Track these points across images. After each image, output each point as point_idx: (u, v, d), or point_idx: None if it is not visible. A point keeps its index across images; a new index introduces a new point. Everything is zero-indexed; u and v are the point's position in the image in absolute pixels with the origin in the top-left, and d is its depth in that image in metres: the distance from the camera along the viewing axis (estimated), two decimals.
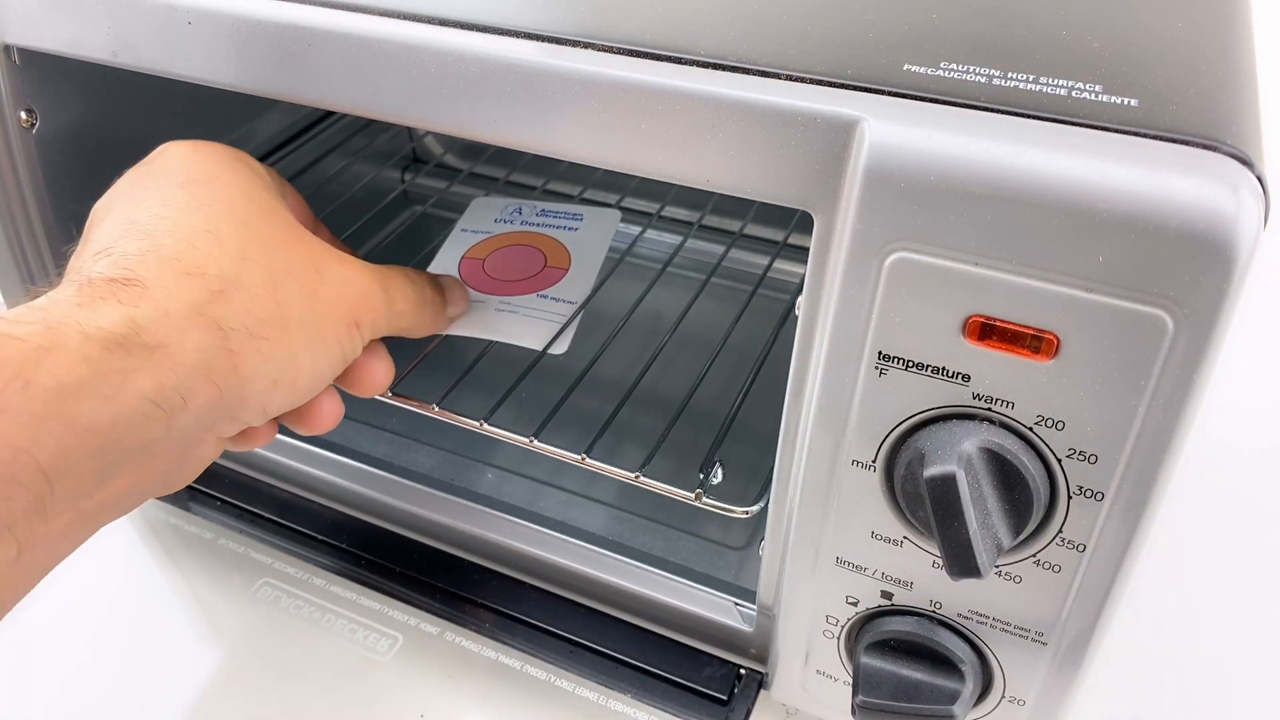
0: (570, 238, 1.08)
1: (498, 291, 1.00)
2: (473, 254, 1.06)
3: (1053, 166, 0.52)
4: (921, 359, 0.60)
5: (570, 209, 1.12)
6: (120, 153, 0.97)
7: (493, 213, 1.13)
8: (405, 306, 0.81)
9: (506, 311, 0.98)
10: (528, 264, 1.04)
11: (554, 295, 1.00)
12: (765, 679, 0.85)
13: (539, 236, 1.09)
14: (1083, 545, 0.62)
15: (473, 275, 1.03)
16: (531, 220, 1.11)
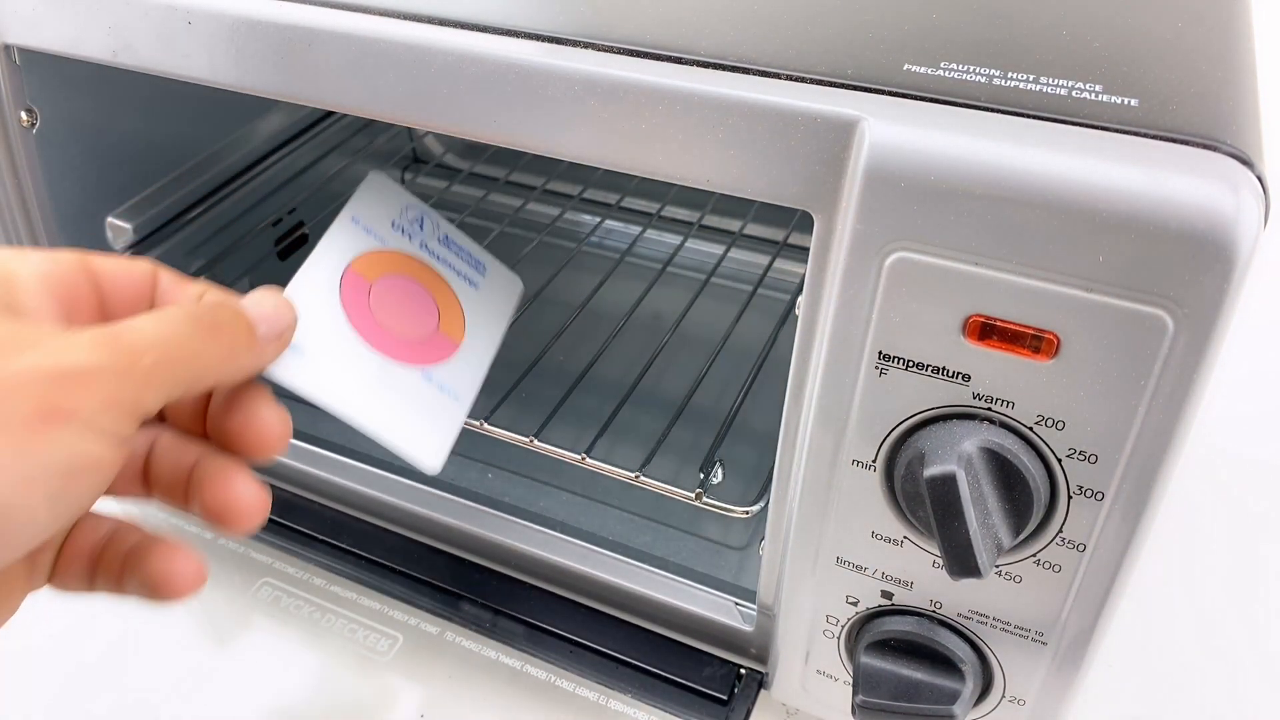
0: (468, 294, 0.89)
1: (379, 344, 0.77)
2: (361, 266, 0.81)
3: (1053, 166, 0.52)
4: (922, 359, 0.60)
5: (475, 253, 0.93)
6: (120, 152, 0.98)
7: (391, 209, 0.88)
8: (167, 354, 0.55)
9: (385, 389, 0.75)
10: (418, 315, 0.82)
11: (440, 380, 0.80)
12: (765, 679, 0.85)
13: (435, 277, 0.87)
14: (1083, 545, 0.62)
15: (354, 301, 0.77)
16: (432, 246, 0.89)
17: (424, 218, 0.90)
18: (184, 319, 0.57)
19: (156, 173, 1.07)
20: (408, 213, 0.88)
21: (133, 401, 0.52)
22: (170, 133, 1.07)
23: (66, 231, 0.95)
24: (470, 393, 0.82)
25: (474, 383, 0.83)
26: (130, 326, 0.54)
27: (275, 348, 0.65)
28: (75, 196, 0.96)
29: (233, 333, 0.60)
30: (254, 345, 0.62)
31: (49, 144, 0.91)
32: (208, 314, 0.58)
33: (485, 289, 0.90)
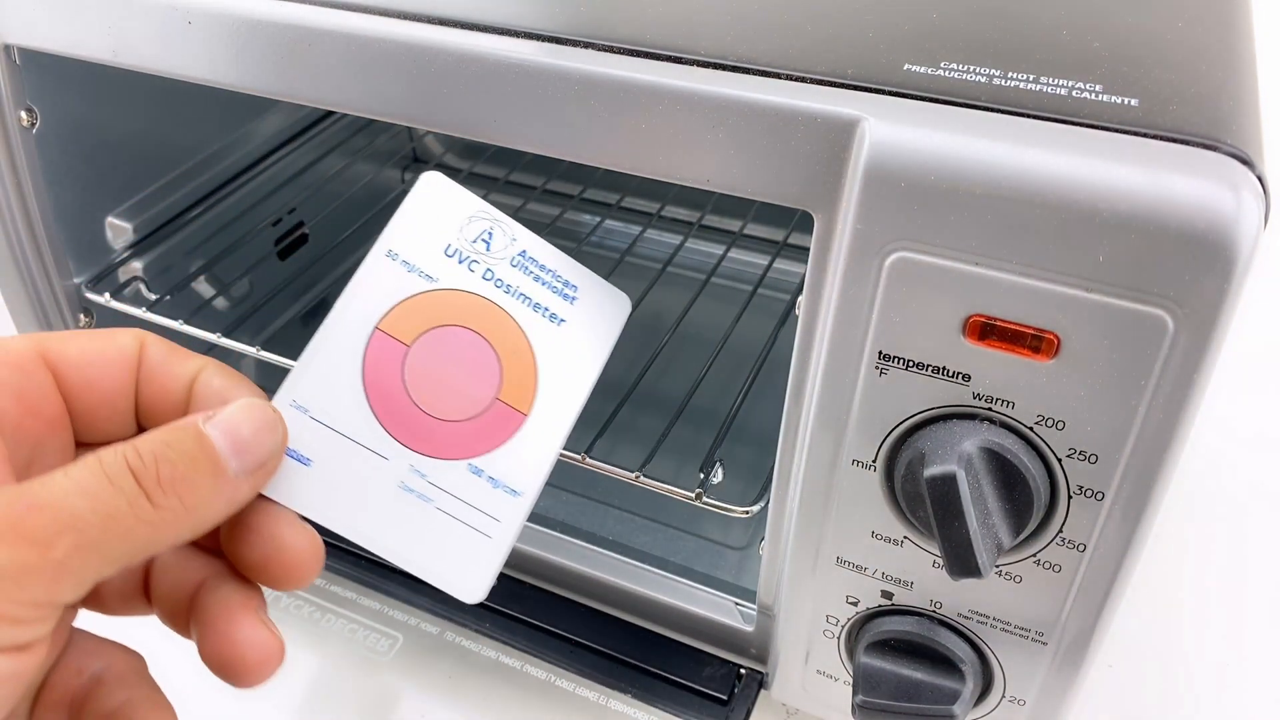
0: (548, 339, 0.67)
1: (413, 436, 0.62)
2: (396, 323, 0.63)
3: (1053, 166, 0.53)
4: (922, 359, 0.60)
5: (565, 271, 0.70)
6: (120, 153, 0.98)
7: (447, 229, 0.67)
8: (85, 539, 0.45)
9: (416, 503, 0.61)
10: (471, 383, 0.64)
11: (495, 472, 0.63)
12: (765, 679, 0.85)
13: (502, 321, 0.66)
14: (1083, 545, 0.62)
15: (383, 377, 0.62)
16: (503, 273, 0.67)
17: (493, 231, 0.67)
18: (110, 482, 0.46)
19: (156, 172, 1.07)
20: (470, 229, 0.67)
21: (43, 600, 0.44)
22: (170, 132, 1.08)
23: (66, 231, 0.95)
24: (534, 481, 0.64)
25: (540, 467, 0.65)
26: (38, 501, 0.44)
27: (255, 482, 0.53)
28: (75, 196, 0.96)
29: (188, 483, 0.48)
30: (223, 487, 0.50)
31: (49, 144, 0.91)
32: (150, 465, 0.47)
33: (574, 324, 0.68)
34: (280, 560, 0.54)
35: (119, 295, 0.99)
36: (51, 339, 0.54)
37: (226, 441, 0.50)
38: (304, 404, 0.59)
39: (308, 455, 0.58)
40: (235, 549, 0.55)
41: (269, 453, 0.53)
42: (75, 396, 0.54)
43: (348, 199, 1.30)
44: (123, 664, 0.57)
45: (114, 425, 0.56)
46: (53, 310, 0.98)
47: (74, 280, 0.98)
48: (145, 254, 1.05)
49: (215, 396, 0.55)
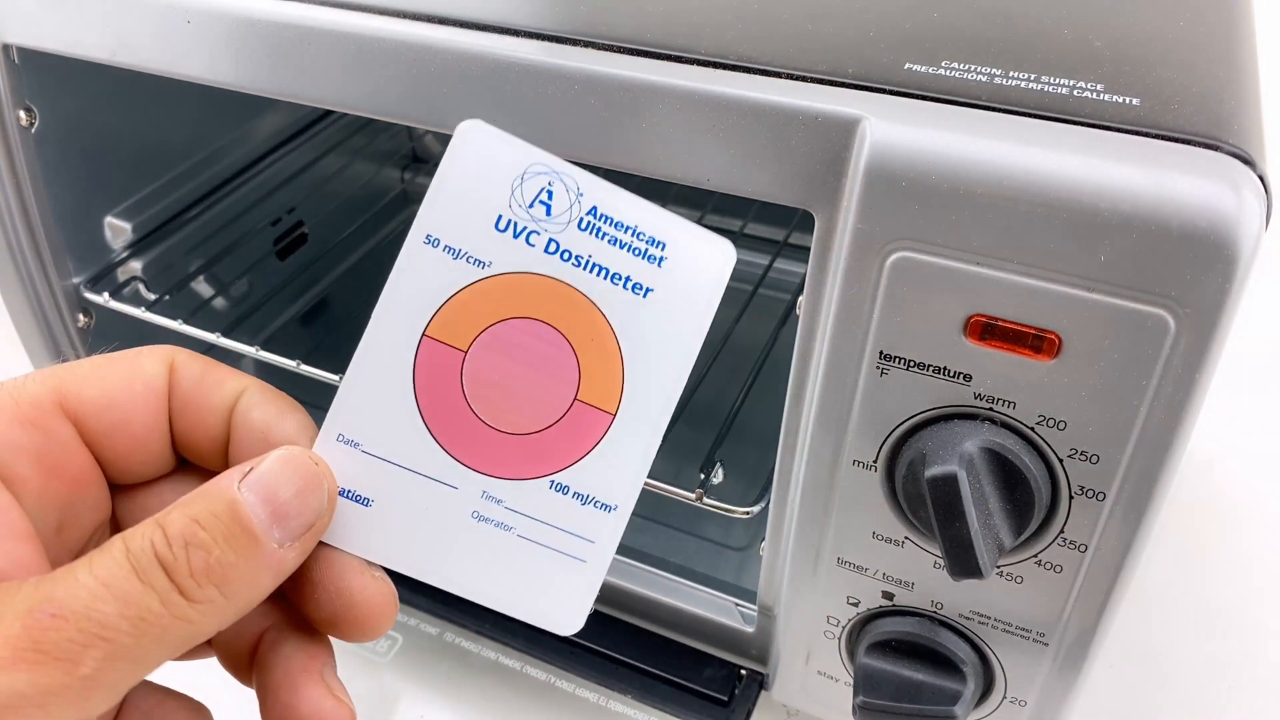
0: (632, 316, 0.55)
1: (482, 457, 0.54)
2: (445, 326, 0.54)
3: (1054, 166, 0.53)
4: (923, 359, 0.60)
5: (649, 225, 0.55)
6: (119, 152, 0.98)
7: (496, 194, 0.53)
8: (116, 649, 0.41)
9: (491, 526, 0.54)
10: (543, 387, 0.54)
11: (580, 487, 0.55)
12: (766, 680, 0.85)
13: (574, 302, 0.54)
14: (1084, 545, 0.62)
15: (439, 393, 0.54)
16: (570, 240, 0.54)
17: (551, 186, 0.54)
18: (139, 579, 0.42)
19: (155, 172, 1.07)
20: (526, 189, 0.54)
21: (75, 717, 0.41)
22: (169, 132, 1.08)
23: (65, 231, 0.95)
24: (629, 492, 0.56)
25: (635, 474, 0.56)
26: (61, 609, 0.41)
27: (302, 548, 0.48)
28: (74, 196, 0.96)
29: (226, 568, 0.44)
30: (265, 563, 0.46)
31: (47, 143, 0.91)
32: (181, 554, 0.43)
33: (665, 292, 0.55)
34: (351, 616, 0.50)
35: (118, 295, 0.99)
36: (69, 379, 0.50)
37: (266, 510, 0.46)
38: (353, 438, 0.52)
39: (366, 495, 0.52)
40: (300, 604, 0.51)
41: (314, 514, 0.48)
42: (102, 445, 0.51)
43: (347, 199, 1.30)
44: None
45: (149, 465, 0.53)
46: (51, 310, 0.98)
47: (73, 280, 0.98)
48: (144, 254, 1.05)
49: (256, 435, 0.51)
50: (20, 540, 0.46)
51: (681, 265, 0.55)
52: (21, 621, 0.40)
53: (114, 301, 0.98)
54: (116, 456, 0.51)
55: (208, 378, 0.52)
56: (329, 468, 0.50)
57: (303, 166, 1.26)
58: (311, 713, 0.50)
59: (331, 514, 0.50)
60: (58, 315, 0.99)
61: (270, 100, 1.11)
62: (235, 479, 0.46)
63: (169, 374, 0.52)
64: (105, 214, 1.02)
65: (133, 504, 0.53)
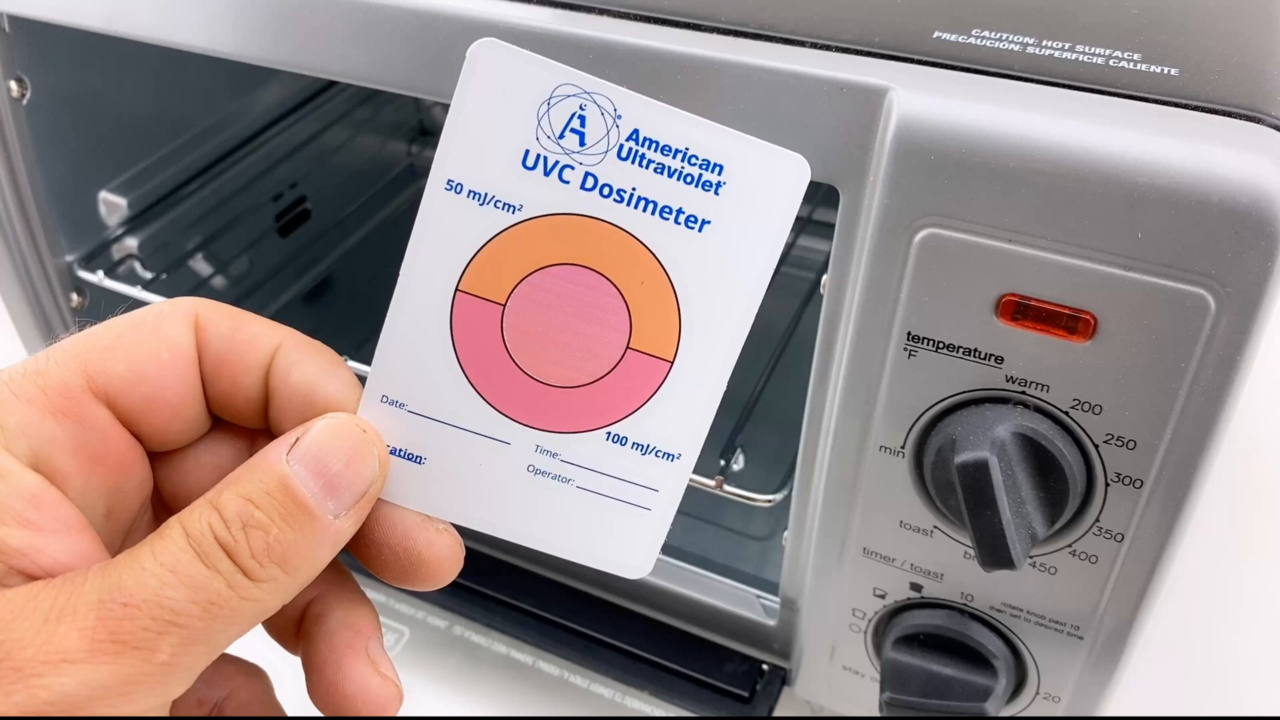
0: (685, 252, 0.51)
1: (531, 411, 0.53)
2: (479, 279, 0.51)
3: (1090, 139, 0.53)
4: (952, 340, 0.60)
5: (700, 145, 0.50)
6: (114, 124, 0.98)
7: (521, 124, 0.50)
8: (189, 634, 0.43)
9: (549, 479, 0.54)
10: (591, 336, 0.52)
11: (639, 437, 0.54)
12: (789, 675, 0.86)
13: (618, 242, 0.51)
14: (1120, 535, 0.62)
15: (480, 349, 0.52)
16: (610, 173, 0.50)
17: (584, 110, 0.50)
18: (204, 564, 0.44)
19: (152, 146, 1.07)
20: (555, 116, 0.50)
21: (154, 707, 0.43)
22: (167, 104, 1.08)
23: (58, 207, 0.95)
24: (693, 440, 0.54)
25: (698, 421, 0.53)
26: (131, 598, 0.42)
27: (357, 515, 0.49)
28: (67, 170, 0.97)
29: (286, 546, 0.46)
30: (323, 536, 0.47)
31: (40, 115, 0.91)
32: (241, 536, 0.45)
33: (724, 221, 0.51)
34: (420, 573, 0.51)
35: (113, 273, 0.99)
36: (92, 356, 0.49)
37: (318, 483, 0.47)
38: (397, 398, 0.52)
39: (418, 453, 0.52)
40: (366, 563, 0.52)
41: (366, 482, 0.49)
42: (138, 421, 0.51)
43: (352, 173, 1.30)
44: (246, 691, 0.55)
45: (186, 432, 0.53)
46: (43, 289, 0.98)
47: (66, 258, 0.98)
48: (140, 230, 1.05)
49: (299, 399, 0.51)
50: (75, 533, 0.47)
51: (743, 189, 0.51)
52: (95, 613, 0.42)
53: (109, 280, 0.98)
54: (153, 430, 0.51)
55: (239, 335, 0.51)
56: (377, 432, 0.51)
57: (305, 140, 1.26)
58: (357, 691, 0.51)
59: (384, 480, 0.50)
60: (50, 295, 0.99)
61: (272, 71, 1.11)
62: (283, 452, 0.47)
63: (195, 333, 0.51)
64: (100, 189, 1.02)
65: (173, 470, 0.54)
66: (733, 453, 0.86)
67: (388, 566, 0.51)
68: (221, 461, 0.53)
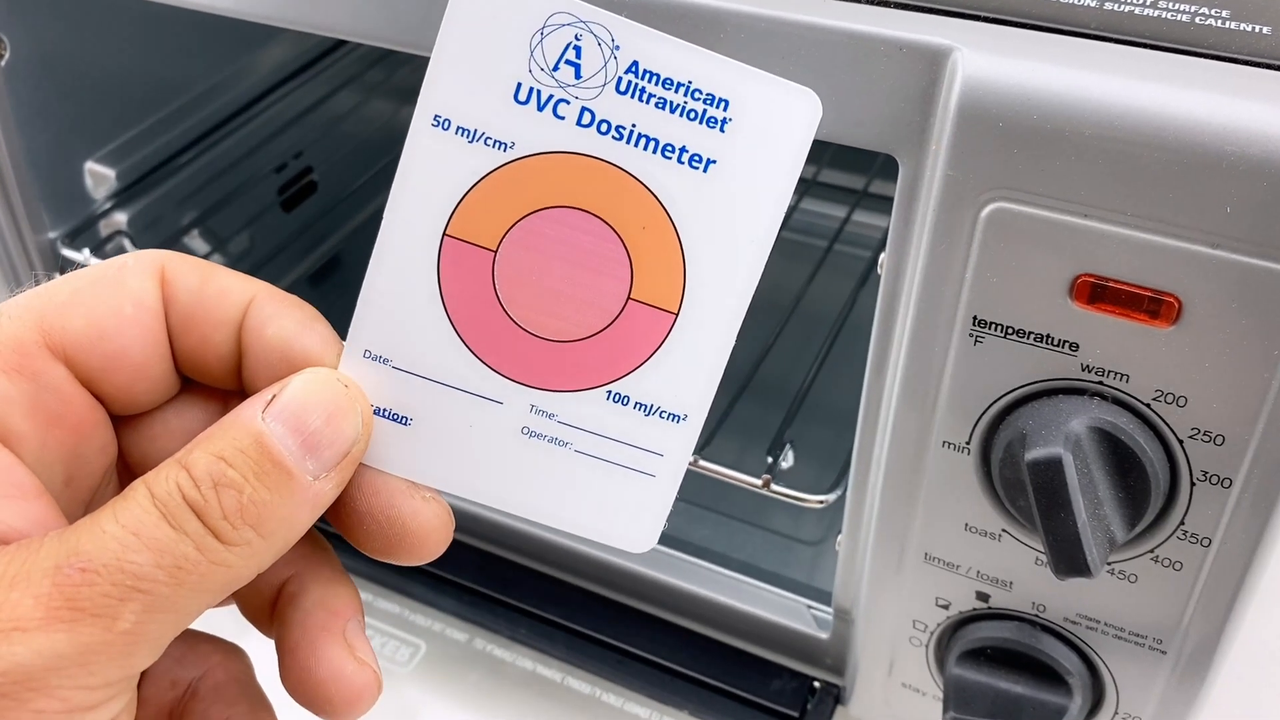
0: (689, 196, 0.51)
1: (525, 367, 0.53)
2: (467, 222, 0.52)
3: (1173, 104, 0.53)
4: (1023, 325, 0.60)
5: (705, 79, 0.50)
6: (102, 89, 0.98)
7: (512, 55, 0.50)
8: (154, 599, 0.44)
9: (544, 441, 0.54)
10: (589, 285, 0.53)
11: (641, 396, 0.54)
12: (842, 693, 0.86)
13: (619, 183, 0.51)
14: (1207, 539, 0.63)
15: (469, 298, 0.52)
16: (608, 108, 0.51)
17: (580, 40, 0.50)
18: (170, 525, 0.44)
19: (143, 112, 1.08)
20: (548, 47, 0.50)
21: (116, 677, 0.44)
22: (159, 66, 1.08)
23: (40, 179, 0.96)
24: (700, 399, 0.54)
25: (705, 379, 0.54)
26: (91, 563, 0.43)
27: (339, 478, 0.49)
28: (50, 139, 0.97)
29: (261, 506, 0.46)
30: (301, 498, 0.47)
31: (19, 78, 0.91)
32: (212, 496, 0.45)
33: (731, 160, 0.51)
34: (405, 544, 0.51)
35: (100, 252, 1.00)
36: (48, 311, 0.49)
37: (296, 441, 0.47)
38: (381, 353, 0.52)
39: (404, 414, 0.53)
40: (347, 534, 0.52)
41: (349, 441, 0.49)
42: (98, 380, 0.51)
43: (362, 142, 1.31)
44: (222, 671, 0.56)
45: (153, 393, 0.53)
46: (24, 268, 0.99)
47: (48, 234, 0.99)
48: (130, 204, 1.06)
49: (274, 354, 0.51)
50: (31, 498, 0.47)
51: (751, 126, 0.51)
52: (50, 579, 0.42)
53: (95, 259, 0.99)
54: (116, 390, 0.51)
55: (208, 288, 0.51)
56: (360, 388, 0.51)
57: (311, 105, 1.26)
58: (331, 677, 0.51)
59: (368, 440, 0.50)
60: (31, 275, 0.99)
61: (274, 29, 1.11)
62: (258, 409, 0.47)
63: (161, 287, 0.51)
64: (86, 159, 1.03)
65: (139, 435, 0.54)
66: (781, 449, 0.87)
67: (370, 538, 0.51)
68: (192, 425, 0.54)
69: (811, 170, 1.31)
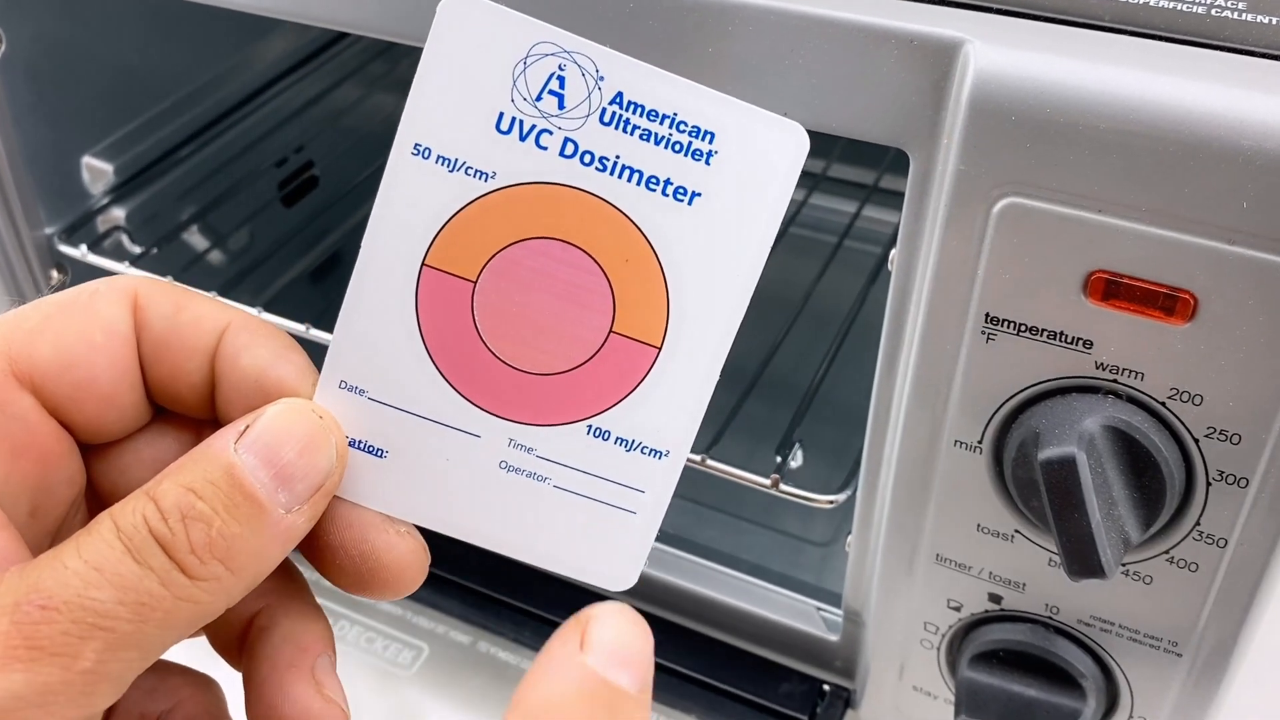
0: (671, 228, 0.51)
1: (503, 400, 0.53)
2: (446, 252, 0.52)
3: (1188, 97, 0.53)
4: (1036, 322, 0.60)
5: (690, 112, 0.51)
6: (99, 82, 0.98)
7: (494, 85, 0.50)
8: (116, 638, 0.43)
9: (522, 477, 0.54)
10: (570, 317, 0.53)
11: (623, 434, 0.54)
12: (852, 696, 0.86)
13: (600, 215, 0.51)
14: (1223, 540, 0.63)
15: (448, 329, 0.53)
16: (591, 138, 0.51)
17: (563, 70, 0.51)
18: (135, 560, 0.44)
19: (142, 105, 1.08)
20: (531, 76, 0.51)
21: (80, 717, 0.43)
22: (158, 58, 1.08)
23: (36, 174, 0.96)
24: (683, 435, 0.54)
25: (688, 415, 0.54)
26: (51, 599, 0.42)
27: (312, 511, 0.49)
28: (46, 133, 0.97)
29: (230, 540, 0.45)
30: (273, 531, 0.47)
31: (16, 72, 0.92)
32: (179, 529, 0.45)
33: (716, 193, 0.51)
34: (378, 579, 0.51)
35: (97, 248, 1.00)
36: (16, 337, 0.49)
37: (268, 473, 0.47)
38: (357, 384, 0.52)
39: (379, 445, 0.53)
40: (320, 568, 0.52)
41: (322, 474, 0.49)
42: (67, 410, 0.50)
43: (365, 136, 1.31)
44: (193, 704, 0.55)
45: (122, 422, 0.53)
46: (19, 265, 0.99)
47: (45, 230, 0.99)
48: (128, 200, 1.06)
49: (247, 384, 0.51)
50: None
51: (737, 159, 0.51)
52: (9, 617, 0.41)
53: (92, 255, 0.99)
54: (85, 420, 0.51)
55: (182, 315, 0.51)
56: (335, 420, 0.51)
57: (313, 99, 1.26)
58: (297, 714, 0.50)
59: (342, 472, 0.50)
60: (27, 271, 1.00)
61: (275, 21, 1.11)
62: (230, 439, 0.47)
63: (133, 314, 0.51)
64: (83, 153, 1.03)
65: (109, 465, 0.54)
66: (790, 448, 0.87)
67: (343, 571, 0.51)
68: (164, 455, 0.53)
69: (821, 165, 1.31)
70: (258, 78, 1.21)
